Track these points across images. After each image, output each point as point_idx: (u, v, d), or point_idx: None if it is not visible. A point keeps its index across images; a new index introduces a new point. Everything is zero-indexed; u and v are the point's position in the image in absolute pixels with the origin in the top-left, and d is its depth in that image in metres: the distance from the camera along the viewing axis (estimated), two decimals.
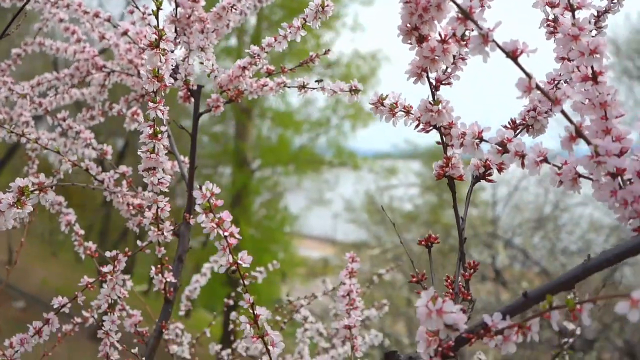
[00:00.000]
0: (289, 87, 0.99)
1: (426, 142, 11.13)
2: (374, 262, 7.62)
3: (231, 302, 1.49)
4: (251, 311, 0.65)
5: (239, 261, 0.63)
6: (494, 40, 0.50)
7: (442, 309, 0.50)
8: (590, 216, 7.46)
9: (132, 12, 1.11)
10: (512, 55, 0.51)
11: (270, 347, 0.65)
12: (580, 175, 0.55)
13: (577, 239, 6.96)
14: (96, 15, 1.10)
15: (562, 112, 0.51)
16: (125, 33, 1.03)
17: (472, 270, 0.63)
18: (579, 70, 0.55)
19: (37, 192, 0.66)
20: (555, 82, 0.69)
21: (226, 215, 0.63)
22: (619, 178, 0.52)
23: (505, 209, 6.94)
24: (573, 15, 0.55)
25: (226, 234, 0.62)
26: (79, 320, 1.13)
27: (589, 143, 0.51)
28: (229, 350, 1.36)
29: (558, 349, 1.08)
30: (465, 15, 0.50)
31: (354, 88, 0.83)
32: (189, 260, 1.54)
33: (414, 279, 0.67)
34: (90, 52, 1.19)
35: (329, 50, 1.02)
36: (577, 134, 0.52)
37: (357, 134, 11.66)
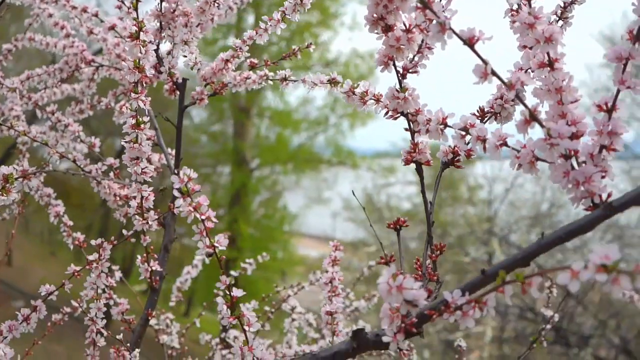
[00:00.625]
0: (271, 79, 1.01)
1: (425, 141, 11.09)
2: (371, 258, 7.64)
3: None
4: (228, 293, 0.67)
5: (216, 244, 0.65)
6: (451, 29, 0.53)
7: (402, 285, 0.52)
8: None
9: (119, 8, 1.13)
10: (469, 42, 0.53)
11: (246, 328, 0.67)
12: (537, 159, 0.57)
13: None
14: (84, 10, 1.12)
15: (517, 96, 0.54)
16: (112, 28, 1.05)
17: (438, 252, 0.66)
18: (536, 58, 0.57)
19: (21, 179, 0.68)
20: (523, 71, 0.71)
21: (203, 200, 0.65)
22: (572, 160, 0.54)
23: (502, 207, 6.96)
24: (529, 4, 0.57)
25: (203, 217, 0.64)
26: (68, 309, 1.16)
27: (542, 126, 0.54)
28: (217, 340, 1.38)
29: (537, 335, 1.10)
30: (424, 5, 0.53)
31: (332, 80, 0.85)
32: (188, 260, 1.56)
33: (383, 261, 0.70)
34: (79, 46, 1.22)
35: (311, 44, 1.04)
36: (532, 117, 0.54)
37: (355, 133, 11.68)
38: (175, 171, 0.61)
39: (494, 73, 0.53)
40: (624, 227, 7.42)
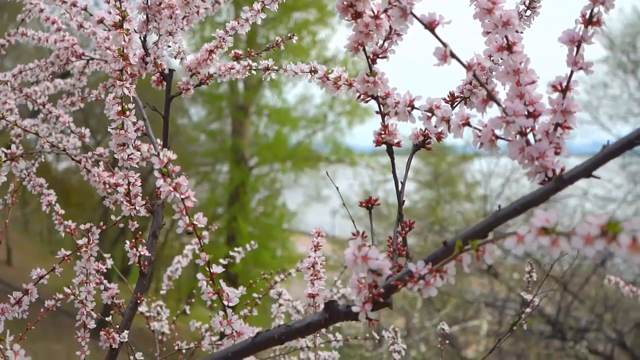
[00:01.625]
0: (254, 69, 1.04)
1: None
2: None
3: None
4: (207, 269, 0.71)
5: (195, 222, 0.69)
6: (412, 13, 0.56)
7: (367, 256, 0.55)
8: (582, 209, 7.54)
9: (108, 2, 1.16)
10: (430, 26, 0.56)
11: (225, 302, 0.70)
12: (497, 137, 0.60)
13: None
14: (73, 4, 1.15)
15: (474, 76, 0.57)
16: (101, 21, 1.08)
17: (407, 229, 0.69)
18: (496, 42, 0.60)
19: (8, 161, 0.71)
20: (491, 57, 0.74)
21: (183, 180, 0.68)
22: (530, 137, 0.58)
23: (498, 202, 6.99)
24: None
25: (183, 196, 0.68)
26: (60, 296, 1.19)
27: (499, 105, 0.57)
28: (207, 326, 1.41)
29: (516, 318, 1.13)
30: None
31: (313, 69, 0.88)
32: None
33: (353, 237, 0.73)
34: (70, 40, 1.24)
35: (293, 35, 1.07)
36: (489, 97, 0.58)
37: (353, 131, 11.71)
38: (160, 144, 0.64)
39: (453, 55, 0.56)
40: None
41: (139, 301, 1.04)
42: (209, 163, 11.59)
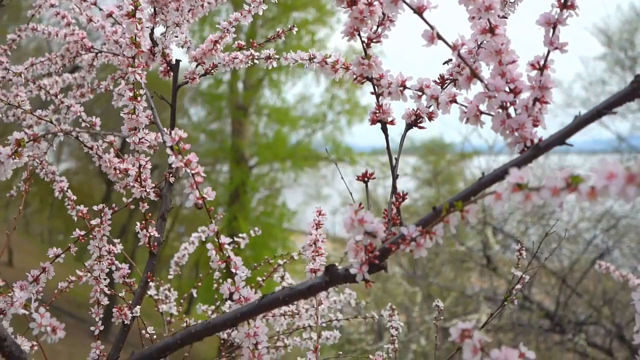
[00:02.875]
0: (257, 59, 1.10)
1: (422, 137, 11.22)
2: None
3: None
4: (216, 240, 0.76)
5: (205, 195, 0.74)
6: (403, 0, 0.61)
7: (363, 219, 0.61)
8: (579, 204, 7.59)
9: None
10: (418, 11, 0.62)
11: (233, 270, 0.76)
12: (481, 112, 0.66)
13: (566, 224, 7.08)
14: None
15: (459, 55, 0.62)
16: (110, 15, 1.14)
17: (401, 200, 0.75)
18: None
19: (31, 142, 0.77)
20: (478, 42, 0.80)
21: (193, 157, 0.74)
22: (511, 111, 0.63)
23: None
24: None
25: (194, 172, 0.73)
26: (73, 278, 1.24)
27: (482, 82, 0.63)
28: (212, 307, 1.47)
29: (507, 294, 1.19)
30: None
31: (312, 56, 0.94)
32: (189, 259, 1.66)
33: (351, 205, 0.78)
34: (79, 34, 1.30)
35: (293, 26, 1.13)
36: (473, 74, 0.63)
37: (353, 130, 11.76)
38: (167, 131, 0.69)
39: (439, 37, 0.62)
40: (618, 218, 7.52)
41: (149, 280, 1.09)
42: (209, 163, 11.64)
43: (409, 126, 0.79)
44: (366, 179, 0.78)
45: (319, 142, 12.07)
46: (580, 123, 0.57)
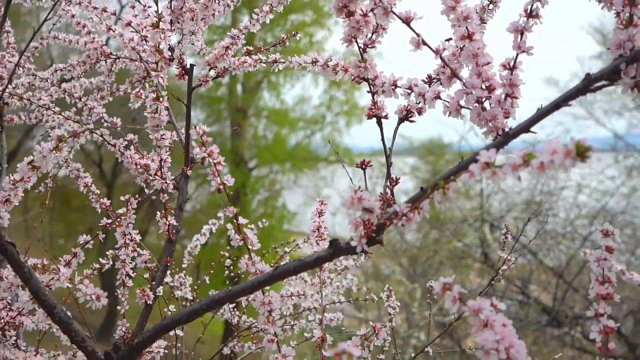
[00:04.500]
0: (264, 63, 1.21)
1: (421, 138, 11.33)
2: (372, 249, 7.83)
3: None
4: (235, 221, 0.88)
5: (225, 181, 0.85)
6: (392, 11, 0.73)
7: (361, 197, 0.72)
8: (576, 200, 7.72)
9: (133, 7, 1.33)
10: (406, 21, 0.73)
11: (250, 247, 0.87)
12: (461, 106, 0.77)
13: (563, 221, 7.21)
14: (104, 10, 1.32)
15: (441, 58, 0.74)
16: (128, 24, 1.25)
17: (394, 183, 0.86)
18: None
19: (71, 137, 0.88)
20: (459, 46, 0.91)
21: (215, 148, 0.85)
22: (485, 104, 0.75)
23: (493, 194, 7.17)
24: None
25: (215, 161, 0.84)
26: (96, 265, 1.35)
27: (461, 80, 0.74)
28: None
29: (495, 274, 1.30)
30: None
31: (314, 59, 1.05)
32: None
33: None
34: (99, 42, 1.41)
35: (297, 32, 1.24)
36: (453, 74, 0.75)
37: (352, 131, 11.88)
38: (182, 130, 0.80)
39: (424, 43, 0.73)
40: (614, 214, 7.64)
41: (168, 264, 1.20)
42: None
43: (401, 120, 0.90)
44: (364, 166, 0.89)
45: (318, 143, 12.18)
46: (542, 114, 0.69)
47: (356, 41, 0.83)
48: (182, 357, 1.47)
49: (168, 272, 1.55)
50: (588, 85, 0.67)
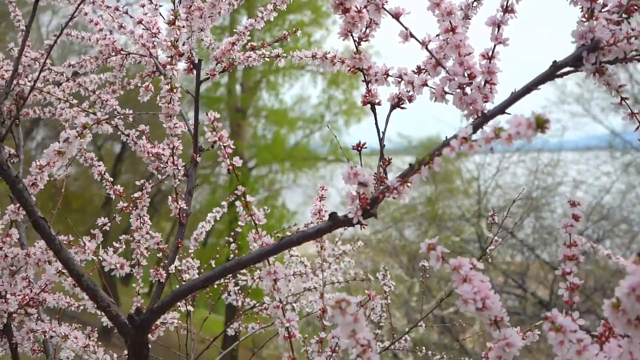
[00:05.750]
0: (267, 57, 1.31)
1: (419, 136, 11.43)
2: (372, 247, 7.95)
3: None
4: (243, 199, 0.97)
5: (234, 162, 0.95)
6: (383, 7, 0.82)
7: (357, 172, 0.81)
8: (572, 196, 7.82)
9: (143, 6, 1.42)
10: (396, 16, 0.82)
11: (257, 222, 0.96)
12: (445, 92, 0.86)
13: (560, 216, 7.30)
14: (116, 9, 1.41)
15: (427, 49, 0.83)
16: (140, 22, 1.34)
17: (387, 163, 0.95)
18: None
19: (95, 124, 0.97)
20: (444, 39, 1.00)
21: (224, 133, 0.94)
22: (466, 90, 0.84)
23: (490, 189, 7.28)
24: None
25: (225, 144, 0.94)
26: (111, 249, 1.44)
27: (444, 68, 0.83)
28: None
29: (483, 253, 1.39)
30: None
31: (314, 54, 1.14)
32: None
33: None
34: (111, 38, 1.50)
35: (297, 29, 1.33)
36: (437, 63, 0.84)
37: (351, 130, 11.96)
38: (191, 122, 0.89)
39: (412, 35, 0.83)
40: (610, 209, 7.75)
41: (179, 245, 1.30)
42: (209, 165, 11.82)
43: (393, 107, 0.99)
44: (359, 148, 0.98)
45: (317, 142, 12.27)
46: (515, 97, 0.78)
47: (352, 35, 0.92)
48: (191, 334, 1.57)
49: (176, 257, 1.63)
50: (555, 71, 0.76)
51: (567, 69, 0.77)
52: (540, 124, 0.59)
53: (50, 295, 1.22)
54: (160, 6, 1.26)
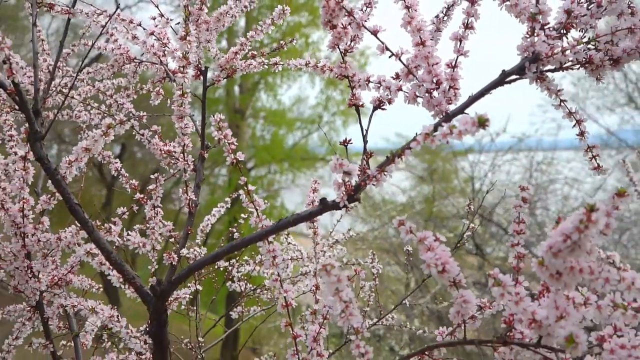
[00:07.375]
0: (266, 65, 1.47)
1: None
2: (369, 244, 8.10)
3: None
4: (246, 188, 1.13)
5: (237, 157, 1.11)
6: (363, 25, 0.98)
7: (342, 163, 0.97)
8: (570, 193, 8.00)
9: (154, 19, 1.58)
10: (374, 32, 0.99)
11: (257, 208, 1.12)
12: (417, 96, 1.03)
13: (554, 213, 7.47)
14: (131, 21, 1.57)
15: (400, 60, 0.99)
16: (152, 33, 1.50)
17: (370, 155, 1.11)
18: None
19: (118, 124, 1.13)
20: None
21: (229, 131, 1.10)
22: (433, 94, 1.00)
23: (484, 187, 7.44)
24: (407, 8, 1.02)
25: (229, 141, 1.10)
26: (128, 231, 1.60)
27: (414, 76, 0.99)
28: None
29: (460, 239, 1.55)
30: (349, 13, 0.98)
31: (307, 62, 1.30)
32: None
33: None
34: (124, 48, 1.66)
35: (293, 39, 1.50)
36: (409, 71, 1.00)
37: (349, 130, 12.12)
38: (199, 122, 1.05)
39: (387, 49, 0.99)
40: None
41: (189, 232, 1.46)
42: (208, 166, 11.97)
43: (375, 108, 1.15)
44: (346, 144, 1.15)
45: (315, 143, 12.42)
46: (471, 100, 0.94)
47: (338, 47, 1.08)
48: (198, 314, 1.73)
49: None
50: (504, 78, 0.92)
51: (514, 76, 0.93)
52: (482, 122, 0.75)
53: (76, 277, 1.38)
54: (170, 20, 1.42)
